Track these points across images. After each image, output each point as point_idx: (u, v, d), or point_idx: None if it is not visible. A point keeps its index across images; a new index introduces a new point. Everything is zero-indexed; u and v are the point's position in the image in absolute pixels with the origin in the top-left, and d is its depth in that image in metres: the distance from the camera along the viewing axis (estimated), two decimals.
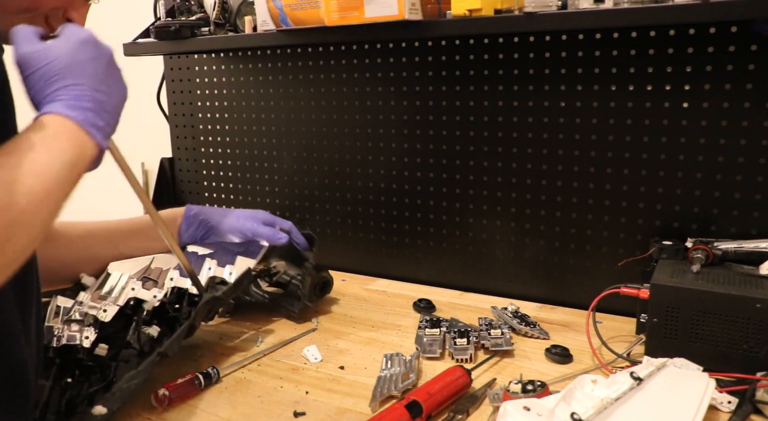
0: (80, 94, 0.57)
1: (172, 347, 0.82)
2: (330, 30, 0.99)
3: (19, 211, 0.48)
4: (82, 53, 0.59)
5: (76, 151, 0.55)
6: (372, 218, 1.30)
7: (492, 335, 0.93)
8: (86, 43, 0.60)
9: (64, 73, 0.57)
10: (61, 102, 0.56)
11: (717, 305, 0.79)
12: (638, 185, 1.02)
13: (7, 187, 0.48)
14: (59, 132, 0.55)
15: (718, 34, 0.92)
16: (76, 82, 0.57)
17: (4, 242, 0.47)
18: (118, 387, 0.74)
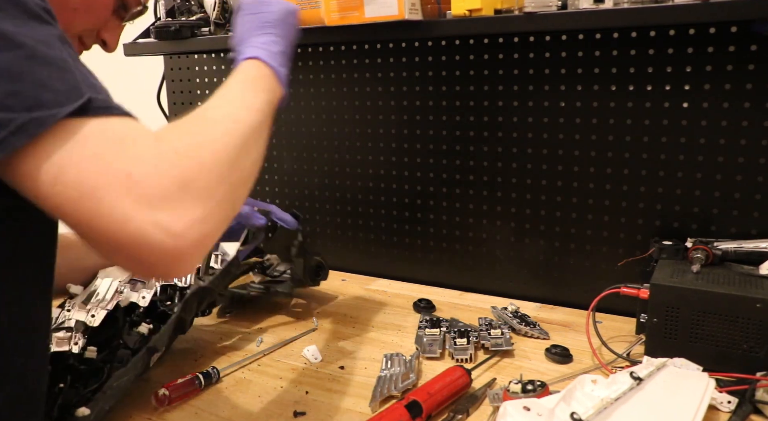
0: (281, 47, 0.70)
1: (161, 341, 0.82)
2: (330, 30, 0.99)
3: (245, 139, 0.55)
4: (291, 16, 0.75)
5: (272, 94, 0.66)
6: (372, 217, 1.30)
7: (492, 335, 0.93)
8: (294, 12, 0.76)
9: (274, 25, 0.71)
10: (264, 51, 0.68)
11: (717, 305, 0.79)
12: (638, 185, 1.02)
13: (233, 118, 0.57)
14: (261, 76, 0.66)
15: (718, 34, 0.92)
16: (281, 36, 0.71)
17: (242, 158, 0.54)
18: (109, 386, 0.74)
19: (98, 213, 0.43)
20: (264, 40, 0.70)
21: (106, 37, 0.74)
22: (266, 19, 0.72)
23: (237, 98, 0.61)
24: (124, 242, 0.44)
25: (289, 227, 1.08)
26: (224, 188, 0.50)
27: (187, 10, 1.22)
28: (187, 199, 0.45)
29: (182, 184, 0.46)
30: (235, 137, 0.54)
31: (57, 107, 0.43)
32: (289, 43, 0.73)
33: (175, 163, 0.46)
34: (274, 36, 0.71)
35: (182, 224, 0.45)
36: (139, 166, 0.44)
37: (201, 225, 0.46)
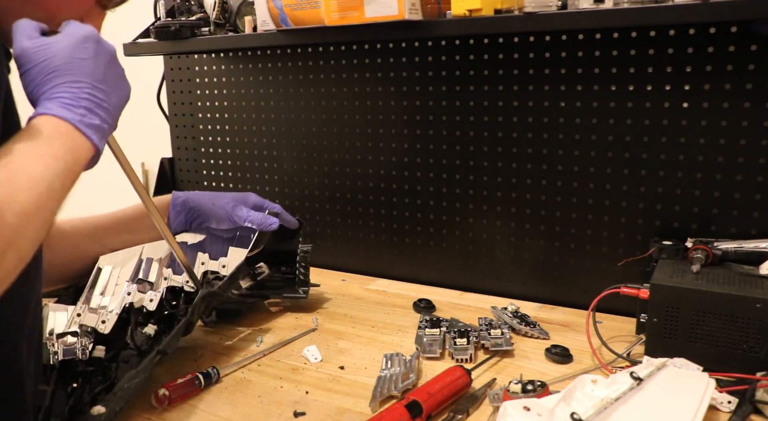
0: (77, 92, 0.56)
1: (171, 344, 0.82)
2: (330, 30, 0.99)
3: (10, 230, 0.46)
4: (83, 51, 0.58)
5: (71, 156, 0.54)
6: (372, 217, 1.30)
7: (492, 335, 0.93)
8: (87, 39, 0.59)
9: (62, 70, 0.56)
10: (57, 101, 0.55)
11: (717, 305, 0.79)
12: (638, 185, 1.02)
13: (7, 209, 0.46)
14: (53, 136, 0.53)
15: (718, 34, 0.92)
16: (75, 80, 0.56)
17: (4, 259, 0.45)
18: (120, 387, 0.74)
19: None
20: (52, 93, 0.56)
21: None
22: (47, 69, 0.56)
23: (18, 171, 0.49)
24: None
25: (291, 227, 1.08)
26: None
27: (187, 10, 1.22)
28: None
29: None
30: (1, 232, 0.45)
31: None
32: (93, 78, 0.58)
33: None
34: (62, 85, 0.56)
35: None
36: None
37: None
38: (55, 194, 0.51)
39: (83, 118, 0.55)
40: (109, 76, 0.60)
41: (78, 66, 0.57)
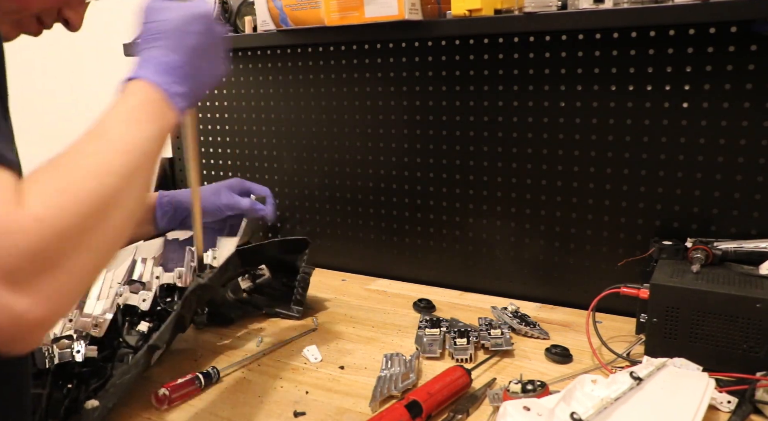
0: (174, 61, 0.59)
1: (162, 338, 0.82)
2: (330, 30, 0.99)
3: (113, 190, 0.48)
4: (193, 24, 0.61)
5: (160, 123, 0.56)
6: (372, 217, 1.30)
7: (492, 335, 0.93)
8: (202, 16, 0.62)
9: (168, 35, 0.60)
10: (152, 66, 0.58)
11: (717, 305, 0.79)
12: (638, 185, 1.02)
13: (98, 170, 0.48)
14: (146, 102, 0.56)
15: (718, 34, 0.92)
16: (175, 48, 0.59)
17: (103, 223, 0.47)
18: (112, 383, 0.74)
19: None
20: (152, 54, 0.59)
21: (68, 16, 0.68)
22: (157, 29, 0.60)
23: (114, 136, 0.52)
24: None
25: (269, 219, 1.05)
26: (85, 256, 0.45)
27: None
28: (36, 276, 0.41)
29: (34, 258, 0.40)
30: (105, 193, 0.47)
31: None
32: (193, 52, 0.61)
33: (29, 232, 0.41)
34: (164, 49, 0.59)
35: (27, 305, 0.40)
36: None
37: (49, 304, 0.42)
38: (149, 157, 0.53)
39: (171, 87, 0.58)
40: (208, 54, 0.63)
41: (183, 37, 0.60)
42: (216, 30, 0.64)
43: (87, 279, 0.47)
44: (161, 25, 0.61)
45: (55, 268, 0.42)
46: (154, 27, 0.61)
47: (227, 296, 1.10)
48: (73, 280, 0.44)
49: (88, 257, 0.45)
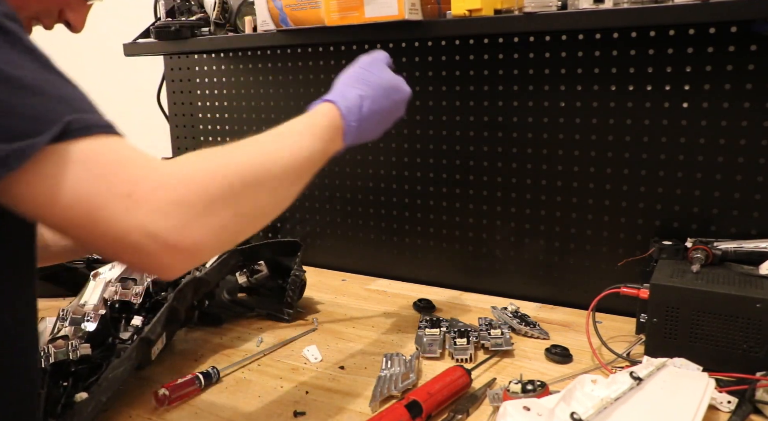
0: (363, 109, 0.69)
1: (153, 330, 0.82)
2: (330, 30, 0.99)
3: (270, 175, 0.56)
4: (395, 96, 0.74)
5: (328, 145, 0.65)
6: (372, 217, 1.30)
7: (492, 335, 0.93)
8: (403, 96, 0.76)
9: (372, 87, 0.71)
10: (348, 103, 0.68)
11: (717, 305, 0.79)
12: (638, 185, 1.02)
13: (268, 157, 0.57)
14: (328, 125, 0.65)
15: (718, 34, 0.92)
16: (370, 99, 0.70)
17: (251, 196, 0.54)
18: (104, 377, 0.74)
19: (98, 230, 0.45)
20: (351, 93, 0.69)
21: (70, 18, 0.69)
22: (366, 79, 0.71)
23: (287, 139, 0.63)
24: (122, 252, 0.47)
25: None
26: (228, 213, 0.51)
27: (187, 10, 1.22)
28: (186, 215, 0.47)
29: (180, 204, 0.47)
30: (258, 172, 0.55)
31: (35, 136, 0.43)
32: (380, 112, 0.71)
33: (175, 184, 0.48)
34: (364, 98, 0.69)
35: (179, 237, 0.47)
36: (139, 186, 0.46)
37: (196, 238, 0.48)
38: (308, 167, 0.62)
39: (351, 123, 0.67)
40: (385, 121, 0.74)
41: (382, 100, 0.72)
42: (402, 110, 0.76)
43: (226, 237, 0.52)
44: (375, 79, 0.72)
45: (200, 215, 0.48)
46: (369, 76, 0.72)
47: (222, 296, 1.10)
48: (217, 228, 0.50)
49: (232, 216, 0.51)
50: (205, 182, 0.49)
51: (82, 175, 0.45)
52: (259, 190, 0.55)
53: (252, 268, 1.14)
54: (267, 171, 0.56)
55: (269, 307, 1.09)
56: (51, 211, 0.45)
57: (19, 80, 0.44)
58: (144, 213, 0.45)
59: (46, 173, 0.44)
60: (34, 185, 0.44)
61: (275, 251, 1.12)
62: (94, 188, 0.45)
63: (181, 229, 0.47)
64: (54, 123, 0.44)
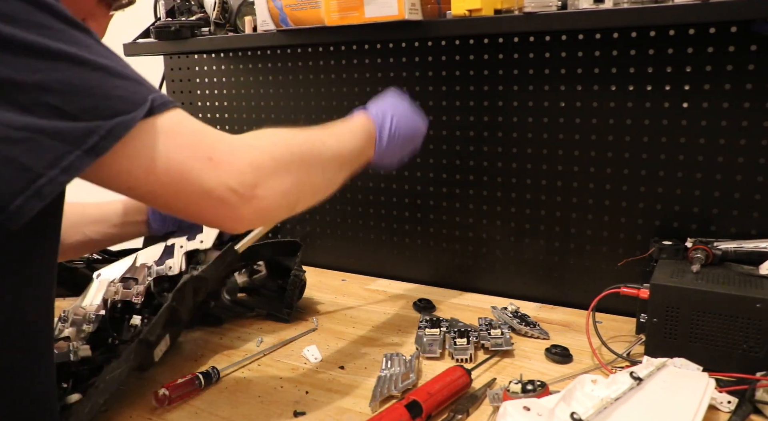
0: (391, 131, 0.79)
1: (153, 331, 0.82)
2: (330, 30, 0.99)
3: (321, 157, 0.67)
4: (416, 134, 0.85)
5: (364, 150, 0.76)
6: (372, 217, 1.30)
7: (492, 335, 0.93)
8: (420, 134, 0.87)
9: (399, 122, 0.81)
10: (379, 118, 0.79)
11: (717, 305, 0.79)
12: (638, 185, 1.02)
13: (319, 142, 0.68)
14: (365, 133, 0.76)
15: (718, 34, 0.92)
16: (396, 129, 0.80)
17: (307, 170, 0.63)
18: (101, 379, 0.74)
19: (187, 191, 0.54)
20: (384, 113, 0.80)
21: (92, 28, 0.71)
22: (396, 106, 0.82)
23: (333, 133, 0.71)
24: (207, 207, 0.55)
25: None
26: (289, 179, 0.60)
27: (187, 10, 1.22)
28: (260, 174, 0.56)
29: (253, 165, 0.56)
30: (312, 151, 0.65)
31: (132, 112, 0.50)
32: (403, 138, 0.81)
33: (247, 149, 0.57)
34: (394, 119, 0.80)
35: (256, 191, 0.56)
36: (218, 150, 0.55)
37: (272, 194, 0.58)
38: (352, 159, 0.73)
39: (381, 139, 0.78)
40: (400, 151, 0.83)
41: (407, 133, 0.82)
42: (418, 143, 0.87)
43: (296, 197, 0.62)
44: (403, 109, 0.83)
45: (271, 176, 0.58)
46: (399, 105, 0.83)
47: (222, 297, 1.10)
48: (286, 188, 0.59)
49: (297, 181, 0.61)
50: (272, 150, 0.59)
51: (170, 144, 0.52)
52: (313, 166, 0.64)
53: (252, 268, 1.14)
54: (319, 153, 0.66)
55: (269, 307, 1.09)
56: (146, 179, 0.52)
57: (109, 69, 0.50)
58: (224, 172, 0.54)
59: (142, 145, 0.51)
60: (131, 157, 0.51)
61: (275, 251, 1.12)
62: (182, 155, 0.53)
63: (254, 186, 0.56)
64: (143, 102, 0.51)
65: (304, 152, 0.63)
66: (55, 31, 0.48)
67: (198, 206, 0.55)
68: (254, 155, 0.57)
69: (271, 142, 0.60)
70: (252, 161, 0.56)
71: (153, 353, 0.84)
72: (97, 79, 0.49)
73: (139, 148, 0.51)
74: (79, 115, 0.47)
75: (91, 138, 0.48)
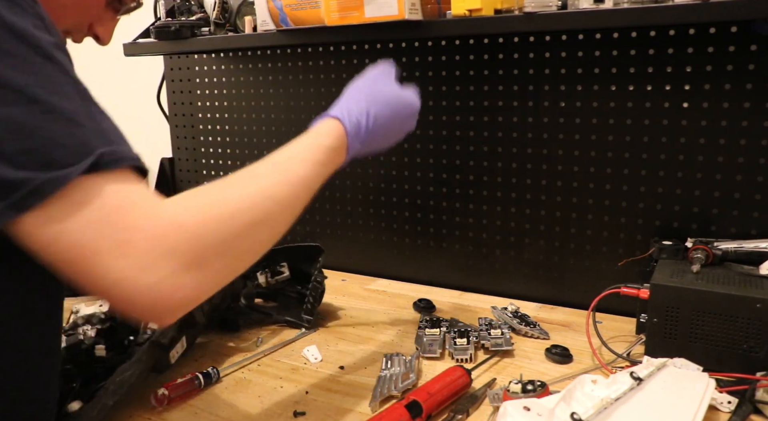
0: (370, 127, 0.68)
1: (165, 334, 0.82)
2: (330, 30, 0.99)
3: (267, 215, 0.54)
4: (402, 111, 0.76)
5: (332, 167, 0.64)
6: (372, 217, 1.30)
7: (492, 335, 0.93)
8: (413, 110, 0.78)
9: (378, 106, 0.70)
10: (353, 119, 0.67)
11: (717, 305, 0.79)
12: (638, 185, 1.02)
13: (266, 194, 0.55)
14: (331, 146, 0.64)
15: (718, 34, 0.92)
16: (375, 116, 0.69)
17: (247, 238, 0.53)
18: (112, 381, 0.74)
19: (92, 274, 0.46)
20: (356, 108, 0.68)
21: (99, 32, 0.71)
22: (372, 93, 0.70)
23: (286, 169, 0.59)
24: (115, 299, 0.47)
25: None
26: (222, 261, 0.51)
27: (187, 10, 1.22)
28: (177, 268, 0.47)
29: (173, 255, 0.47)
30: (255, 212, 0.53)
31: (69, 166, 0.44)
32: (386, 127, 0.71)
33: (170, 234, 0.47)
34: (370, 115, 0.68)
35: (168, 289, 0.47)
36: (135, 234, 0.46)
37: (186, 291, 0.48)
38: (310, 192, 0.61)
39: (354, 143, 0.67)
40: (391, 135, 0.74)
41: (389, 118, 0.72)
42: (412, 124, 0.77)
43: (222, 279, 0.52)
44: (381, 94, 0.70)
45: (191, 267, 0.48)
46: (375, 91, 0.70)
47: (240, 301, 1.09)
48: (209, 278, 0.50)
49: (226, 262, 0.51)
50: (199, 233, 0.49)
51: (87, 215, 0.45)
52: (255, 231, 0.54)
53: (275, 268, 1.13)
54: (265, 211, 0.55)
55: (288, 313, 1.06)
56: (47, 250, 0.45)
57: (63, 111, 0.45)
58: (136, 264, 0.45)
59: (60, 210, 0.44)
60: (44, 221, 0.44)
61: (296, 255, 1.10)
62: (93, 232, 0.45)
63: (168, 283, 0.46)
64: (87, 154, 0.45)
65: (244, 220, 0.52)
66: (19, 60, 0.45)
67: (105, 295, 0.47)
68: (177, 242, 0.47)
69: (203, 220, 0.49)
70: (173, 250, 0.47)
71: (168, 355, 0.84)
72: (45, 122, 0.44)
73: (56, 212, 0.44)
74: (15, 157, 0.43)
75: (18, 192, 0.43)
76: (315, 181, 0.61)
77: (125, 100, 1.61)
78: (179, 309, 0.49)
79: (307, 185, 0.60)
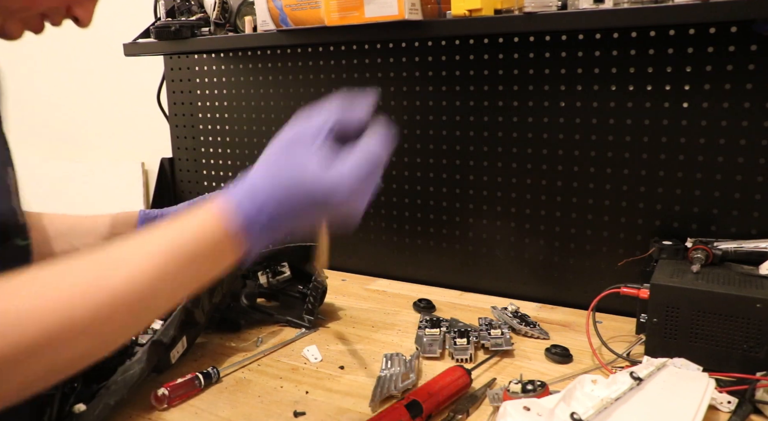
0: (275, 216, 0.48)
1: (166, 333, 0.82)
2: (330, 30, 0.99)
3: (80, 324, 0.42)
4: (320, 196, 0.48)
5: (213, 266, 0.48)
6: (372, 217, 1.30)
7: (492, 335, 0.93)
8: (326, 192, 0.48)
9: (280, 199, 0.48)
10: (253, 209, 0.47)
11: (717, 305, 0.79)
12: (638, 185, 1.02)
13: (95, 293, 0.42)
14: (212, 244, 0.47)
15: (718, 34, 0.92)
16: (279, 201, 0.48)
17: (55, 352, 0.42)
18: (113, 381, 0.74)
19: None
20: (262, 189, 0.48)
21: (78, 13, 0.67)
22: (277, 172, 0.48)
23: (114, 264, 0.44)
24: None
25: None
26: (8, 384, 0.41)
27: (187, 10, 1.22)
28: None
29: None
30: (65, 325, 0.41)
31: None
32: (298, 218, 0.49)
33: None
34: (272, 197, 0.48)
35: None
36: None
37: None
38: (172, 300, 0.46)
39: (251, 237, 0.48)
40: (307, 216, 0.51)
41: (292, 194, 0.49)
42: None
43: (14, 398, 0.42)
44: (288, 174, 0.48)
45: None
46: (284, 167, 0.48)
47: (241, 301, 1.09)
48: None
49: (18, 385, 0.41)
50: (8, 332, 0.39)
51: None
52: (72, 339, 0.42)
53: (275, 268, 1.12)
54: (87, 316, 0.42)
55: (289, 313, 1.06)
56: None
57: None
58: None
59: None
60: None
61: (296, 256, 1.10)
62: None
63: None
64: None
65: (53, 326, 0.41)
66: None
67: None
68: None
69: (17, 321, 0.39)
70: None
71: (169, 355, 0.84)
72: None
73: None
74: None
75: None
76: (177, 286, 0.46)
77: (125, 100, 1.61)
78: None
79: (167, 289, 0.45)
